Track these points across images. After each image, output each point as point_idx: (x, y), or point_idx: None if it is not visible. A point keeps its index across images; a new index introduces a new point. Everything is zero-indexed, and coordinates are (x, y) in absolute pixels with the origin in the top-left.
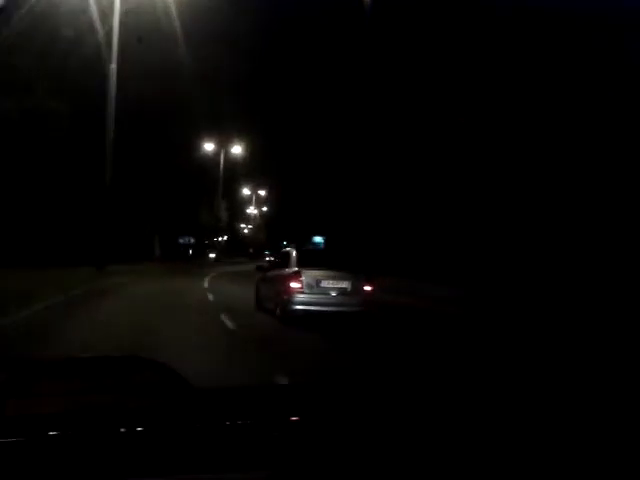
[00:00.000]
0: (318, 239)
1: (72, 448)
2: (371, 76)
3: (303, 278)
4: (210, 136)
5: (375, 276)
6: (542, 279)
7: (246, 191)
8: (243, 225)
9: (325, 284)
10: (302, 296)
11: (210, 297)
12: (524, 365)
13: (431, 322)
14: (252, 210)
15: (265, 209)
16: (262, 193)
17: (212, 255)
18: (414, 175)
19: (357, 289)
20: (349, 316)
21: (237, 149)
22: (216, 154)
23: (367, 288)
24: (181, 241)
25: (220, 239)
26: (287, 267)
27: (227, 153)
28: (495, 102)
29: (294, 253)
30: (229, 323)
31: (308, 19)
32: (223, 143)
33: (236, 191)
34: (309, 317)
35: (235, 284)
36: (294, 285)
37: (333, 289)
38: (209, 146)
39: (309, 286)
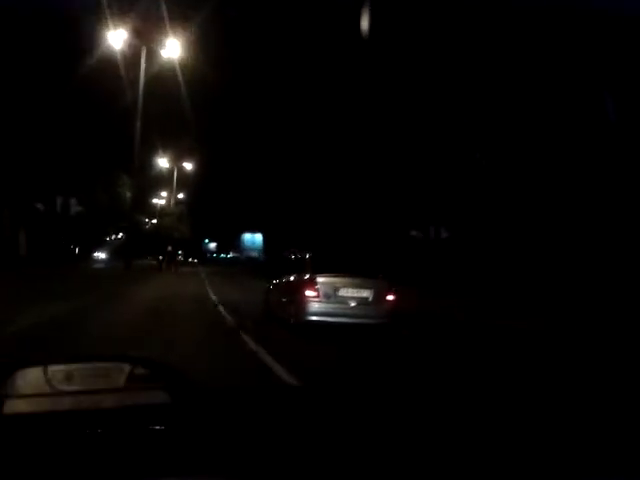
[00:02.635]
0: (249, 236)
1: (71, 448)
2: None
3: (319, 286)
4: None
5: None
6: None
7: (163, 162)
8: (147, 220)
9: (344, 292)
10: (318, 305)
11: None
12: None
13: None
14: (166, 196)
15: (182, 196)
16: (188, 167)
17: (100, 256)
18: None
19: (379, 299)
20: (369, 329)
21: (173, 50)
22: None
23: (390, 298)
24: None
25: (115, 236)
26: (302, 272)
27: (151, 54)
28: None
29: (309, 256)
30: None
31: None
32: (146, 37)
33: (149, 161)
34: (325, 329)
35: None
36: (309, 293)
37: (352, 298)
38: (117, 39)
39: (326, 294)
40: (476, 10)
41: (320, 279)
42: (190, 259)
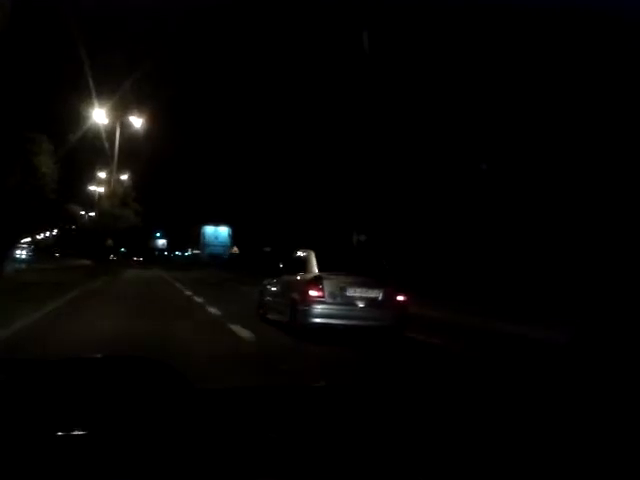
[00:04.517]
0: (212, 229)
1: (72, 448)
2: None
3: (325, 285)
4: None
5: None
6: None
7: (100, 117)
8: (83, 212)
9: (351, 293)
10: (322, 306)
11: None
12: None
13: None
14: (106, 177)
15: (126, 177)
16: (136, 124)
17: (21, 255)
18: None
19: (389, 300)
20: (378, 332)
21: None
22: None
23: (400, 298)
24: None
25: (43, 235)
26: (304, 271)
27: None
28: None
29: (312, 254)
30: None
31: None
32: None
33: (79, 116)
34: (329, 332)
35: None
36: (313, 293)
37: (361, 299)
38: None
39: (332, 295)
40: (475, 16)
41: (326, 278)
42: (135, 258)
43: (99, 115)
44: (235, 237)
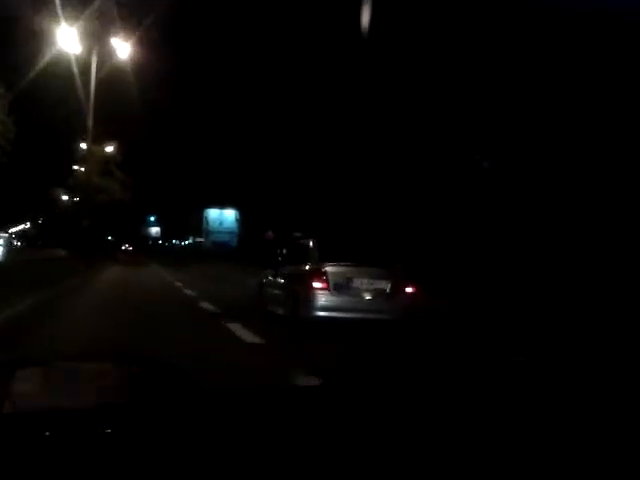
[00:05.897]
0: (216, 213)
1: (74, 448)
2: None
3: (329, 276)
4: None
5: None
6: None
7: (69, 42)
8: (67, 197)
9: (357, 284)
10: (327, 299)
11: None
12: None
13: None
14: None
15: (111, 149)
16: (121, 53)
17: None
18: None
19: (397, 291)
20: (386, 325)
21: None
22: None
23: (409, 290)
24: None
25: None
26: (307, 261)
27: None
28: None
29: (316, 243)
30: None
31: None
32: None
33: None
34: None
35: None
36: (317, 285)
37: (368, 290)
38: None
39: (337, 286)
40: (476, 10)
41: (330, 268)
42: (124, 247)
43: (68, 39)
44: (243, 222)
